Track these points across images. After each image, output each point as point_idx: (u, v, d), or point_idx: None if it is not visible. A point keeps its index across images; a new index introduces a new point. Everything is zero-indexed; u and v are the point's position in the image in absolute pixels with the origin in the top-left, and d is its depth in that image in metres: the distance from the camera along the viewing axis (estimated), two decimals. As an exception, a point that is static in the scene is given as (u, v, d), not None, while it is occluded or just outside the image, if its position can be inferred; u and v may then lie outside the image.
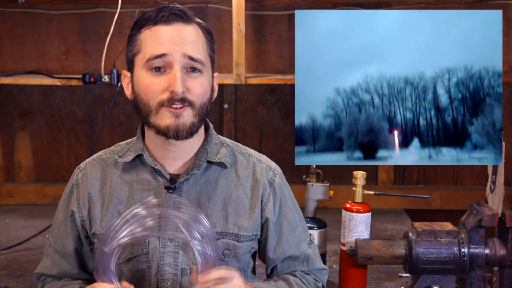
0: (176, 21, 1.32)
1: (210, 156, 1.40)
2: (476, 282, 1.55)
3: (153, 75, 1.32)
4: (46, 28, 2.86)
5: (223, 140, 1.48)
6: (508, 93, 2.84)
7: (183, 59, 1.30)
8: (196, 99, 1.32)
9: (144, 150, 1.40)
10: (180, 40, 1.31)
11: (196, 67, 1.32)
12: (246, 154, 1.47)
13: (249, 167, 1.45)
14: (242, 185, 1.43)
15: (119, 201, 1.40)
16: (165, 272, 1.36)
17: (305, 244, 1.49)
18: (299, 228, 1.49)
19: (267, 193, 1.43)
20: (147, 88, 1.32)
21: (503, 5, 2.76)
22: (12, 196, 2.93)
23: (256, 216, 1.42)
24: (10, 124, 2.95)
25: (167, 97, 1.30)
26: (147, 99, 1.32)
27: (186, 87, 1.30)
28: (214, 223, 1.39)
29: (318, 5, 2.79)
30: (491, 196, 1.61)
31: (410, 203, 2.85)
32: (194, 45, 1.32)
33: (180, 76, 1.29)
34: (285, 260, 1.48)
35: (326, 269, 1.55)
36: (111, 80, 2.55)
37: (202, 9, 2.80)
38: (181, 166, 1.41)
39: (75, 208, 1.43)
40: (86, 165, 1.47)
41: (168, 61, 1.30)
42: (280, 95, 2.89)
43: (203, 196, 1.40)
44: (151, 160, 1.39)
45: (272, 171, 1.46)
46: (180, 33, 1.31)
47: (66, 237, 1.45)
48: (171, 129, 1.31)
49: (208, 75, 1.36)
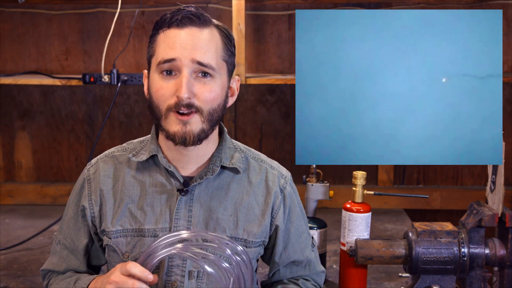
0: (190, 25, 1.31)
1: (224, 161, 1.40)
2: (476, 282, 1.56)
3: (164, 78, 1.32)
4: (46, 28, 2.86)
5: (236, 144, 1.48)
6: (508, 93, 2.84)
7: (191, 64, 1.30)
8: (204, 105, 1.31)
9: (158, 151, 1.40)
10: (191, 45, 1.30)
11: (207, 71, 1.31)
12: (259, 159, 1.47)
13: (261, 174, 1.45)
14: (254, 191, 1.43)
15: (131, 200, 1.40)
16: (173, 274, 1.36)
17: (308, 250, 1.50)
18: (305, 234, 1.50)
19: (278, 201, 1.44)
20: (158, 91, 1.32)
21: (503, 5, 2.76)
22: (12, 196, 2.93)
23: (266, 223, 1.42)
24: (10, 124, 2.95)
25: (174, 102, 1.30)
26: (157, 102, 1.32)
27: (194, 92, 1.30)
28: (224, 228, 1.39)
29: (318, 5, 2.79)
30: (491, 196, 1.61)
31: (410, 203, 2.85)
32: (205, 50, 1.31)
33: (186, 82, 1.29)
34: (288, 264, 1.48)
35: (324, 272, 1.56)
36: (111, 80, 2.55)
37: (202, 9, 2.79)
38: (194, 169, 1.41)
39: (87, 203, 1.42)
40: (98, 161, 1.46)
41: (177, 65, 1.30)
42: (280, 95, 2.89)
43: (214, 200, 1.40)
44: (165, 162, 1.38)
45: (284, 178, 1.47)
46: (192, 38, 1.31)
47: (77, 232, 1.45)
48: (178, 136, 1.31)
49: (221, 80, 1.34)
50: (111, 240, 1.39)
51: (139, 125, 2.93)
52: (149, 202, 1.39)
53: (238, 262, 1.26)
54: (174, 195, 1.39)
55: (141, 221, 1.37)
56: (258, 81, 2.60)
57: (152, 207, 1.39)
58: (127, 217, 1.39)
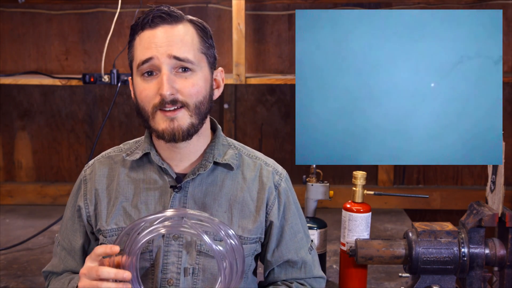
0: (162, 23, 1.32)
1: (216, 157, 1.40)
2: (476, 282, 1.56)
3: (145, 80, 1.33)
4: (46, 28, 2.86)
5: (230, 141, 1.48)
6: (508, 93, 2.84)
7: (169, 60, 1.31)
8: (188, 99, 1.32)
9: (151, 149, 1.41)
10: (165, 42, 1.31)
11: (186, 66, 1.32)
12: (253, 156, 1.48)
13: (255, 170, 1.45)
14: (248, 188, 1.43)
15: (125, 199, 1.41)
16: (169, 271, 1.36)
17: (304, 251, 1.48)
18: (300, 234, 1.48)
19: (272, 196, 1.44)
20: (141, 93, 1.34)
21: (503, 5, 2.76)
22: (12, 196, 2.93)
23: (261, 219, 1.42)
24: (10, 124, 2.95)
25: (158, 100, 1.31)
26: (143, 104, 1.35)
27: (176, 88, 1.31)
28: None
29: (318, 5, 2.79)
30: (491, 196, 1.61)
31: (410, 203, 2.85)
32: (181, 45, 1.32)
33: (167, 79, 1.30)
34: (282, 264, 1.47)
35: (323, 278, 1.53)
36: (111, 80, 2.55)
37: (202, 9, 2.80)
38: (187, 166, 1.42)
39: (82, 203, 1.44)
40: (94, 162, 1.48)
41: (155, 64, 1.31)
42: (280, 95, 2.89)
43: (209, 197, 1.40)
44: (158, 159, 1.40)
45: (279, 174, 1.47)
46: (165, 35, 1.32)
47: (74, 233, 1.46)
48: (167, 133, 1.32)
49: (202, 73, 1.35)
50: (106, 239, 1.40)
51: (139, 125, 2.93)
52: (143, 200, 1.40)
53: (232, 246, 1.26)
54: (168, 192, 1.39)
55: (135, 219, 1.38)
56: (258, 81, 2.60)
57: (146, 204, 1.40)
58: (122, 216, 1.40)
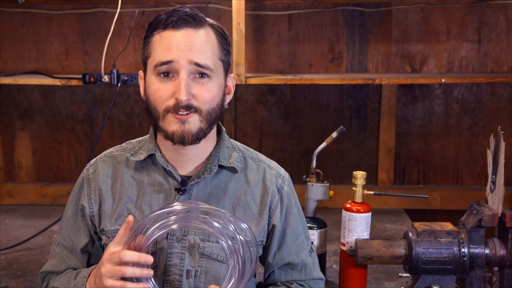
0: (185, 26, 1.32)
1: (222, 160, 1.40)
2: (476, 282, 1.56)
3: (161, 80, 1.32)
4: (46, 28, 2.86)
5: (234, 144, 1.48)
6: (508, 93, 2.84)
7: (189, 66, 1.30)
8: (202, 105, 1.32)
9: (156, 150, 1.40)
10: (187, 47, 1.31)
11: (204, 72, 1.32)
12: (257, 159, 1.48)
13: (259, 173, 1.45)
14: (252, 191, 1.43)
15: (129, 199, 1.41)
16: (171, 273, 1.36)
17: (305, 253, 1.49)
18: (301, 236, 1.49)
19: (275, 200, 1.44)
20: (155, 93, 1.33)
21: (503, 5, 2.76)
22: (12, 196, 2.93)
23: (263, 222, 1.42)
24: (10, 124, 2.94)
25: (172, 103, 1.31)
26: (155, 104, 1.33)
27: (192, 93, 1.31)
28: None
29: (318, 5, 2.79)
30: (491, 196, 1.61)
31: (410, 203, 2.85)
32: (202, 51, 1.32)
33: (185, 84, 1.30)
34: (283, 267, 1.48)
35: (322, 279, 1.53)
36: (111, 80, 2.55)
37: (202, 9, 2.80)
38: (192, 169, 1.41)
39: (86, 202, 1.43)
40: (97, 161, 1.47)
41: (175, 67, 1.31)
42: (280, 95, 2.89)
43: (212, 200, 1.40)
44: (163, 161, 1.39)
45: (282, 178, 1.47)
46: (188, 39, 1.31)
47: (76, 231, 1.46)
48: (177, 135, 1.32)
49: (218, 79, 1.35)
50: (109, 240, 1.39)
51: (139, 125, 2.93)
52: (147, 201, 1.39)
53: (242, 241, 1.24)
54: (172, 195, 1.39)
55: (139, 220, 1.38)
56: (258, 81, 2.59)
57: (150, 206, 1.39)
58: (126, 217, 1.39)
